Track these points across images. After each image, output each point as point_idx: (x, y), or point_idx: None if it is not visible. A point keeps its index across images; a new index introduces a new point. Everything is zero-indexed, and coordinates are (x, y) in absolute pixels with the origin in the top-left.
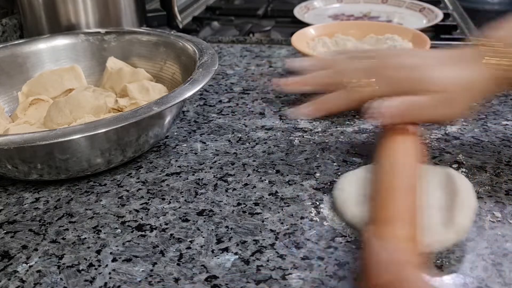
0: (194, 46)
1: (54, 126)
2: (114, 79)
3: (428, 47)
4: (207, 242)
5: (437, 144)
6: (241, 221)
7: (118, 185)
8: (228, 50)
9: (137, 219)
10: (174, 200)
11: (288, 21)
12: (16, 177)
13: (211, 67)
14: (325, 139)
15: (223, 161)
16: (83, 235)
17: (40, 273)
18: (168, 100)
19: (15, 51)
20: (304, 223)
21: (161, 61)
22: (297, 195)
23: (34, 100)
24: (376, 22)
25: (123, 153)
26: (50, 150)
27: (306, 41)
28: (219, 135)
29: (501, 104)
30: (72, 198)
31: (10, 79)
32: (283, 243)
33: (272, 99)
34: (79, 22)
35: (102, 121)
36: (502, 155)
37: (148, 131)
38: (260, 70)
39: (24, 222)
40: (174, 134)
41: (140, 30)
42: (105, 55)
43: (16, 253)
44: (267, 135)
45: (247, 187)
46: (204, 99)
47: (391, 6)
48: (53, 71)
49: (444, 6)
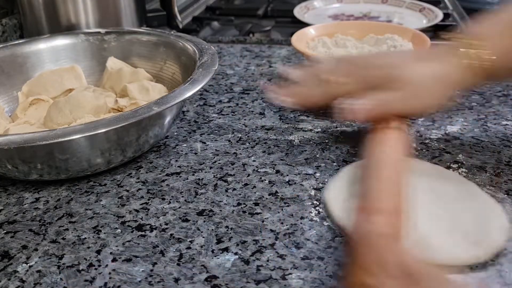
0: (194, 46)
1: (54, 126)
2: (114, 79)
3: (428, 47)
4: (207, 242)
5: (437, 144)
6: (241, 221)
7: (118, 185)
8: (228, 50)
9: (137, 219)
10: (174, 200)
11: (288, 21)
12: (16, 177)
13: (211, 67)
14: (325, 139)
15: (223, 161)
16: (83, 235)
17: (40, 273)
18: (168, 100)
19: (15, 51)
20: (304, 223)
21: (161, 61)
22: (297, 195)
23: (34, 100)
24: (376, 22)
25: (123, 153)
26: (50, 150)
27: (306, 41)
28: (219, 135)
29: (501, 104)
30: (72, 198)
31: (10, 79)
32: (283, 243)
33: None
34: (79, 22)
35: (102, 121)
36: (502, 155)
37: (148, 131)
38: (260, 70)
39: (24, 222)
40: (174, 134)
41: (140, 30)
42: (105, 55)
43: (16, 253)
44: (267, 135)
45: (247, 187)
46: (204, 99)
47: (391, 6)
48: (53, 71)
49: (444, 6)
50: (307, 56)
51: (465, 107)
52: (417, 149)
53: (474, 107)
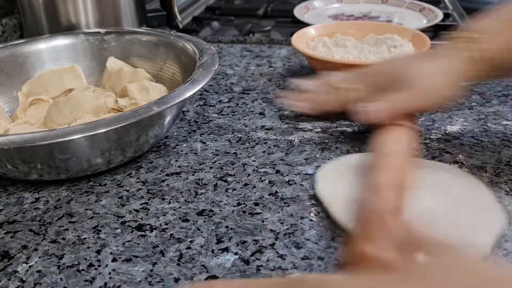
0: (194, 46)
1: (54, 126)
2: (114, 79)
3: (428, 47)
4: (207, 242)
5: (437, 144)
6: (241, 221)
7: (118, 185)
8: (228, 50)
9: (137, 219)
10: (174, 200)
11: (288, 21)
12: (16, 177)
13: (211, 67)
14: (325, 139)
15: (223, 161)
16: (83, 235)
17: (40, 273)
18: (168, 100)
19: (15, 51)
20: (304, 223)
21: (161, 61)
22: (297, 195)
23: (34, 100)
24: (376, 22)
25: (123, 153)
26: (50, 150)
27: (306, 41)
28: (219, 135)
29: (501, 104)
30: (72, 198)
31: (10, 79)
32: (283, 243)
33: (272, 99)
34: (79, 22)
35: (102, 121)
36: (502, 155)
37: (148, 131)
38: (260, 70)
39: (24, 222)
40: (174, 134)
41: (140, 30)
42: (105, 55)
43: (16, 253)
44: (267, 135)
45: (247, 187)
46: (204, 99)
47: (391, 6)
48: (53, 71)
49: (444, 6)
50: (307, 56)
51: (465, 107)
52: (417, 149)
53: (474, 107)
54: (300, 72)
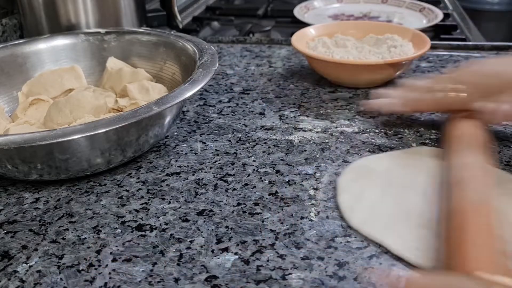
0: (194, 46)
1: (54, 126)
2: (114, 79)
3: (428, 47)
4: (207, 242)
5: (437, 144)
6: (241, 221)
7: (118, 185)
8: (228, 50)
9: (137, 219)
10: (174, 200)
11: (288, 21)
12: (16, 177)
13: (211, 67)
14: (325, 139)
15: (223, 161)
16: (83, 235)
17: (40, 273)
18: (168, 100)
19: (15, 51)
20: (304, 223)
21: (161, 61)
22: (297, 195)
23: (34, 100)
24: (376, 22)
25: (123, 153)
26: (50, 150)
27: (306, 41)
28: (219, 135)
29: None
30: (72, 198)
31: (10, 79)
32: (283, 243)
33: (272, 99)
34: (79, 22)
35: (102, 121)
36: (502, 155)
37: (148, 131)
38: (260, 70)
39: (24, 222)
40: (174, 134)
41: (140, 30)
42: (105, 55)
43: (16, 253)
44: (267, 135)
45: (247, 187)
46: (204, 99)
47: (391, 6)
48: (53, 71)
49: (444, 6)
50: (307, 56)
51: None
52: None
53: None
54: (300, 72)
